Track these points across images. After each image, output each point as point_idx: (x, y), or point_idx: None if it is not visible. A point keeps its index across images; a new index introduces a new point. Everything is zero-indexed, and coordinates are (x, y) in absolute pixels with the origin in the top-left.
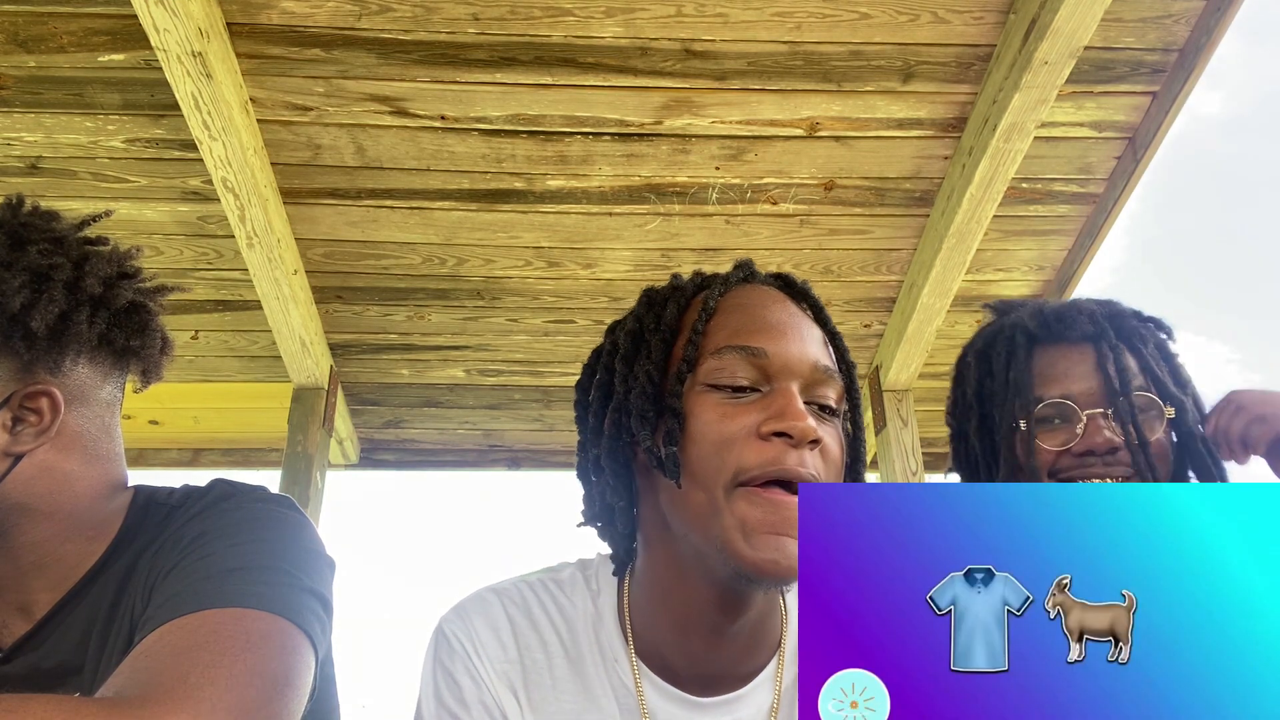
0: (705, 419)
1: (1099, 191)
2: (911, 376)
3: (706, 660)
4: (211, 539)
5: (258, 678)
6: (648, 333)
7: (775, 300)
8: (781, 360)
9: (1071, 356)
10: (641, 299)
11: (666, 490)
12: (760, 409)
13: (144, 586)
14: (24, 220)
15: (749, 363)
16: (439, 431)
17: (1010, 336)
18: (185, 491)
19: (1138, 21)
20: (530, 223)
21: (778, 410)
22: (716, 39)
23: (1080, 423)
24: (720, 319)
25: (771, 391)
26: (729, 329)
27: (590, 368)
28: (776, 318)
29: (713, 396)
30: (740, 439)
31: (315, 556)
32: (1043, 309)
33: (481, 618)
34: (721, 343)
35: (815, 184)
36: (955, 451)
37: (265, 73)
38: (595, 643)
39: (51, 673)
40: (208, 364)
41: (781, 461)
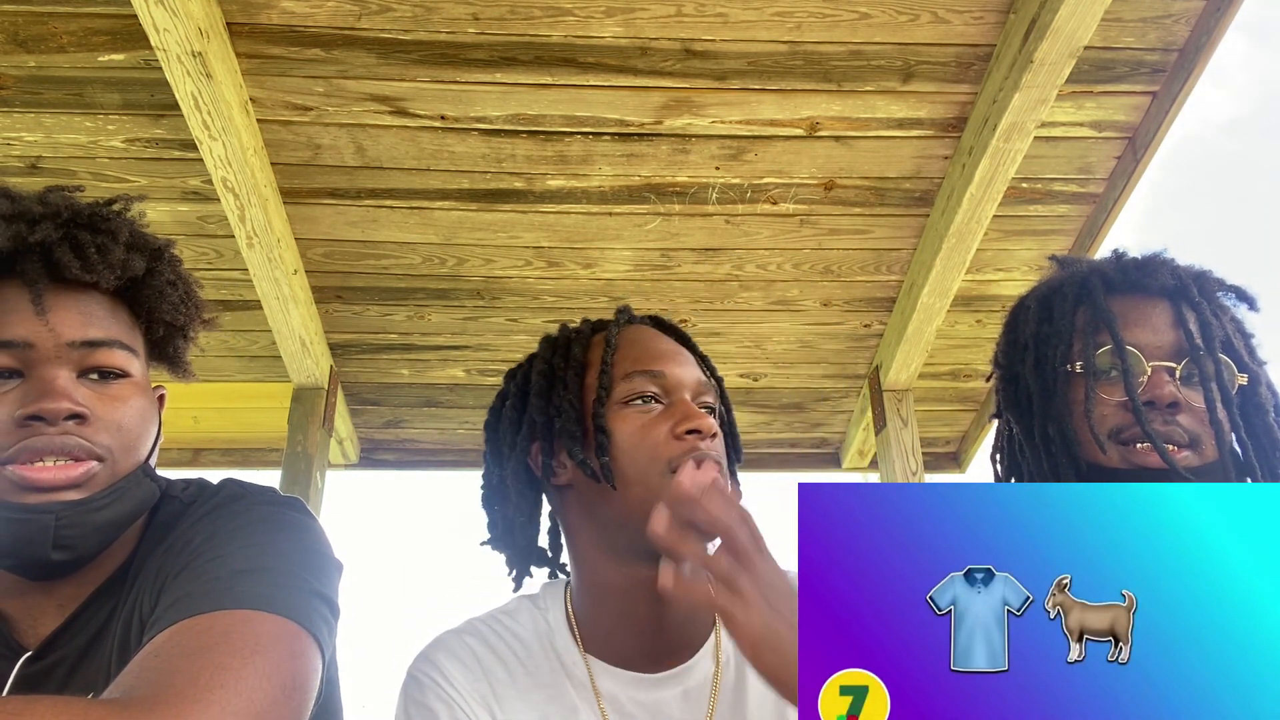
0: (628, 431)
1: (1099, 191)
2: (911, 376)
3: (652, 638)
4: (222, 540)
5: (267, 681)
6: (559, 370)
7: (656, 336)
8: (675, 378)
9: (1145, 307)
10: (543, 344)
11: (598, 495)
12: (668, 417)
13: (154, 584)
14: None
15: (652, 383)
16: (439, 431)
17: (1083, 280)
18: (197, 488)
19: (1138, 21)
20: (530, 223)
21: (683, 415)
22: (716, 39)
23: (1145, 374)
24: (621, 352)
25: (672, 403)
26: (631, 359)
27: (496, 409)
28: (664, 348)
29: (629, 412)
30: (663, 440)
31: (324, 559)
32: (1123, 257)
33: (444, 653)
34: (629, 369)
35: (815, 184)
36: (1006, 394)
37: (265, 73)
38: (552, 650)
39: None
40: (208, 364)
41: (697, 449)
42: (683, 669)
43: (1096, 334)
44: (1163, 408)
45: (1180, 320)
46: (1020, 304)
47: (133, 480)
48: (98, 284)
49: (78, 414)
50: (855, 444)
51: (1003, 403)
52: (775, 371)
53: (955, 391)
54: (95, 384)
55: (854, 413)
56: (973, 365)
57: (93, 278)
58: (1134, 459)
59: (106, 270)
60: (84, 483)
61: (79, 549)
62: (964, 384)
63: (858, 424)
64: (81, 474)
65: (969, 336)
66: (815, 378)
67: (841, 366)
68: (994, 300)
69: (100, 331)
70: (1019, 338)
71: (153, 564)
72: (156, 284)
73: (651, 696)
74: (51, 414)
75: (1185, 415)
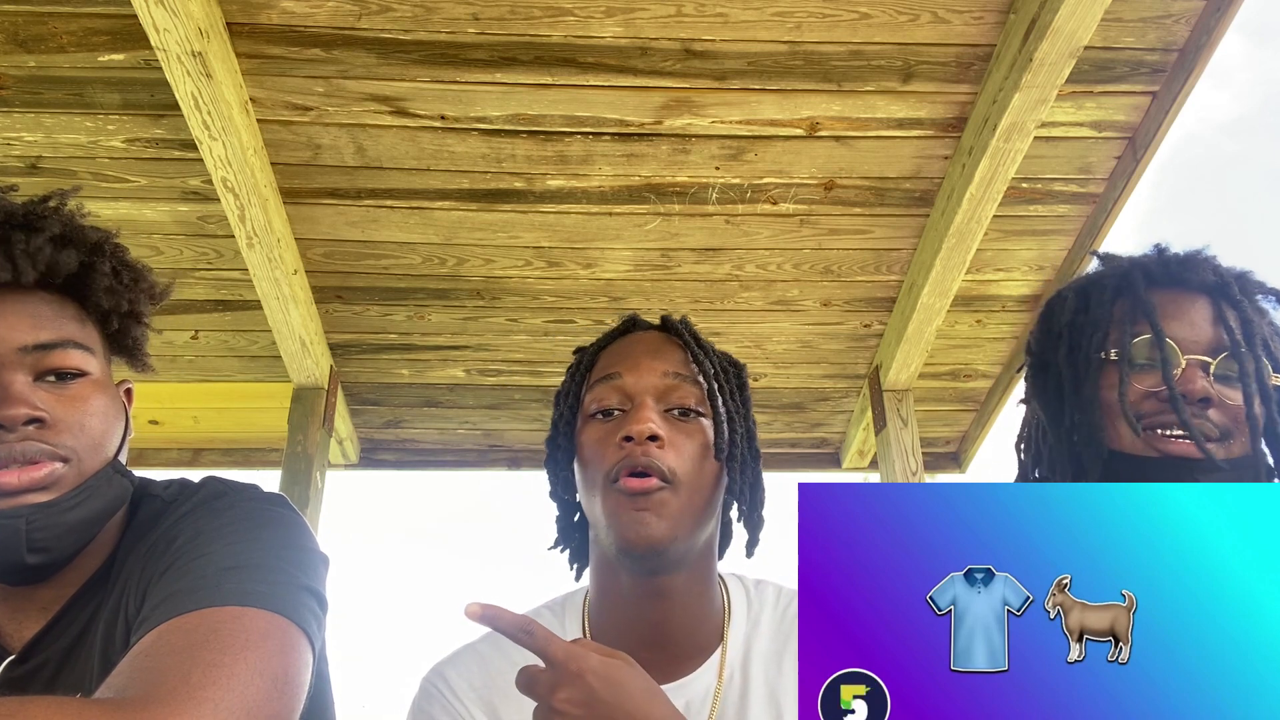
0: (585, 442)
1: (1099, 191)
2: (911, 376)
3: (655, 648)
4: (206, 538)
5: (259, 676)
6: (560, 393)
7: (643, 340)
8: (634, 380)
9: (1184, 302)
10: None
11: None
12: (620, 424)
13: (138, 584)
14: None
15: (613, 389)
16: (439, 431)
17: (1125, 273)
18: (179, 487)
19: (1138, 21)
20: (530, 223)
21: (627, 420)
22: (716, 39)
23: (1180, 366)
24: (598, 365)
25: (630, 408)
26: (599, 368)
27: None
28: (633, 350)
29: (592, 423)
30: (607, 448)
31: (310, 554)
32: (1164, 251)
33: (452, 663)
34: (594, 379)
35: (815, 184)
36: (1035, 382)
37: (265, 73)
38: None
39: (65, 670)
40: (208, 364)
41: (630, 456)
42: (686, 680)
43: (1135, 324)
44: (1194, 401)
45: (1220, 317)
46: (1058, 295)
47: (102, 478)
48: (40, 284)
49: (36, 418)
50: (855, 444)
51: (1031, 391)
52: (775, 371)
53: (955, 391)
54: (53, 386)
55: (854, 413)
56: (973, 365)
57: (23, 278)
58: (1161, 446)
59: (32, 269)
60: (50, 484)
61: (54, 551)
62: (964, 384)
63: (858, 424)
64: (45, 475)
65: (969, 336)
66: (815, 378)
67: (841, 366)
68: (994, 300)
69: (51, 333)
70: (1053, 326)
71: (136, 564)
72: (98, 276)
73: None
74: (9, 421)
75: (1215, 411)
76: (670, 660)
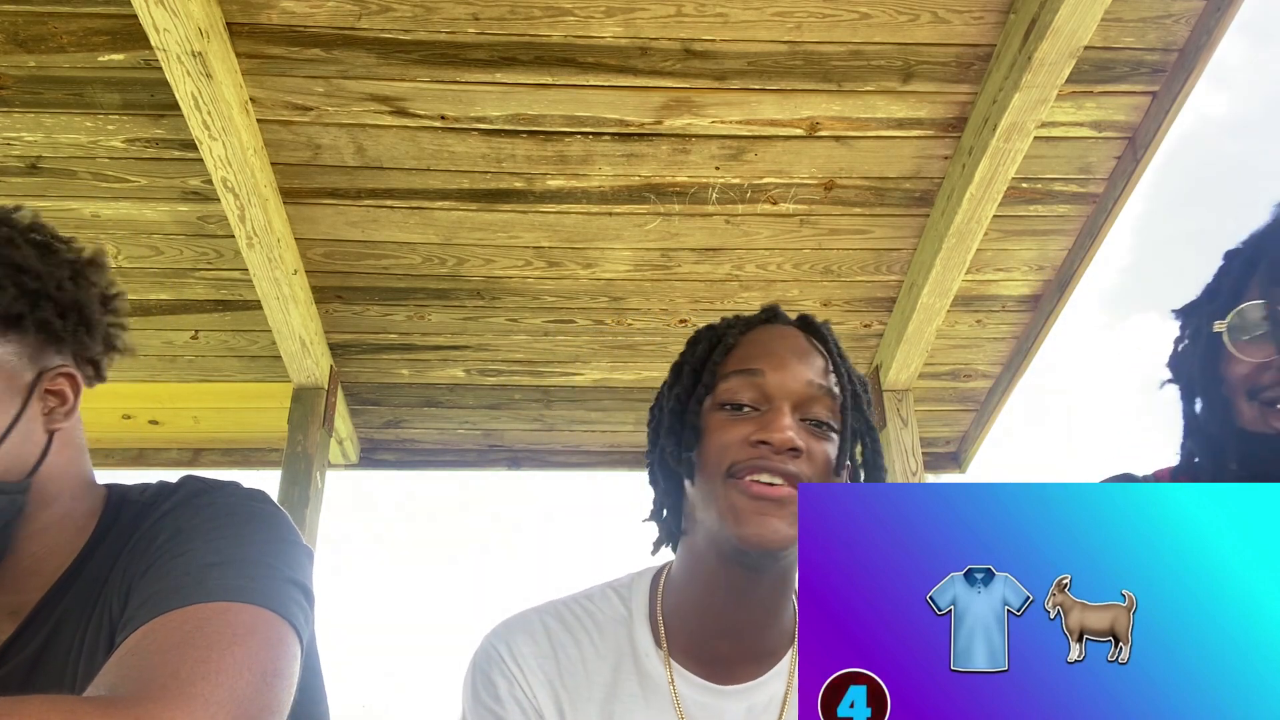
0: (712, 429)
1: (1099, 191)
2: (911, 376)
3: (726, 643)
4: (188, 536)
5: (247, 670)
6: (683, 365)
7: (786, 336)
8: (776, 381)
9: None
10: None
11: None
12: (754, 423)
13: (120, 586)
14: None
15: (750, 384)
16: (439, 431)
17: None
18: (157, 489)
19: (1138, 21)
20: (530, 223)
21: (765, 424)
22: (716, 39)
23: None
24: (736, 352)
25: (768, 410)
26: (738, 359)
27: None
28: (778, 348)
29: (721, 414)
30: (734, 444)
31: (293, 546)
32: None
33: (518, 628)
34: (730, 369)
35: (815, 184)
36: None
37: (265, 73)
38: (628, 639)
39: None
40: (208, 364)
41: (764, 459)
42: (753, 684)
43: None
44: None
45: None
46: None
47: None
48: None
49: None
50: None
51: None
52: None
53: (955, 391)
54: None
55: None
56: (973, 365)
57: None
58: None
59: None
60: None
61: None
62: (964, 384)
63: None
64: None
65: (969, 336)
66: None
67: None
68: (994, 300)
69: None
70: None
71: (118, 567)
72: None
73: (716, 704)
74: None
75: None
76: (742, 656)
